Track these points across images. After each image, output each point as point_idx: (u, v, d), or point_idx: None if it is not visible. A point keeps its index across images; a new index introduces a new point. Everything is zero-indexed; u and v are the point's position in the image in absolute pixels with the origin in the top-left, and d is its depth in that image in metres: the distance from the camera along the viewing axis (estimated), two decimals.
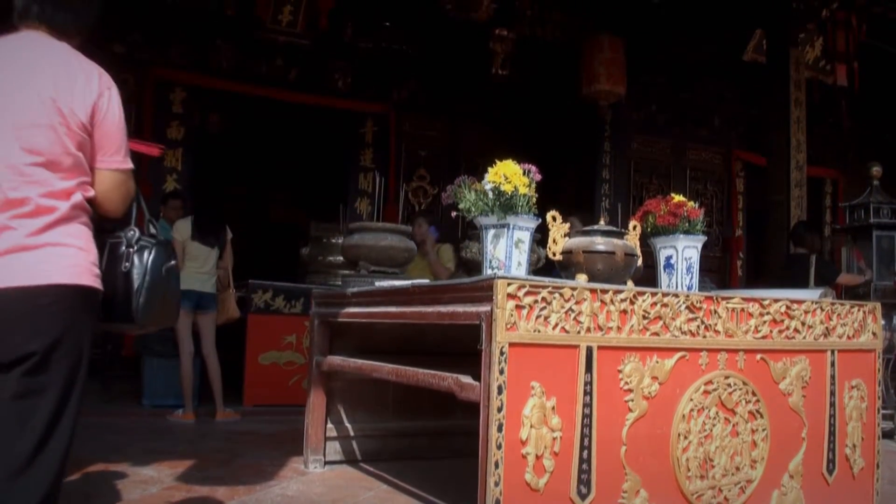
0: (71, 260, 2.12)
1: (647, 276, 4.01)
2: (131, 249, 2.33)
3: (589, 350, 2.98)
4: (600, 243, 3.55)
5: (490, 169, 3.36)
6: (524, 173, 3.36)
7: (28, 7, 2.25)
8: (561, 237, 3.60)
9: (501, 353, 2.78)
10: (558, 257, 3.60)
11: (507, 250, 3.34)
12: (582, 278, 3.45)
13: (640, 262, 3.77)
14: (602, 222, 3.78)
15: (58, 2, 2.26)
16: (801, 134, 8.40)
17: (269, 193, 14.07)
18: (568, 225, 3.60)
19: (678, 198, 3.91)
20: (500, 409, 2.76)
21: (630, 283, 3.53)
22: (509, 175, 3.31)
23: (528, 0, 9.31)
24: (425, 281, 3.86)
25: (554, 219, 3.56)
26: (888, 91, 11.34)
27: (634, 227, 3.84)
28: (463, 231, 8.82)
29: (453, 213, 3.53)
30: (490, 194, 3.34)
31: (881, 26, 9.83)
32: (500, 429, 2.76)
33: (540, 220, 3.43)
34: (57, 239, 2.10)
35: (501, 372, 2.78)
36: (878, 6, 9.48)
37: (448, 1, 8.67)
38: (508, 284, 2.83)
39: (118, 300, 2.32)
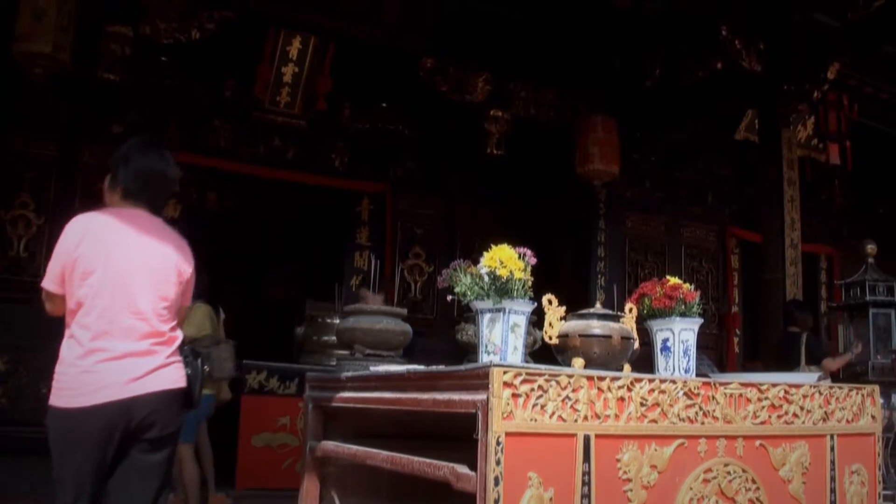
0: (182, 371, 3.19)
1: (644, 353, 3.97)
2: (189, 359, 3.27)
3: (586, 439, 2.93)
4: (596, 327, 3.53)
5: (485, 253, 3.36)
6: (519, 257, 3.35)
7: (139, 192, 3.20)
8: (557, 320, 3.58)
9: (498, 444, 2.73)
10: (554, 341, 3.57)
11: (503, 335, 3.31)
12: (578, 362, 3.42)
13: (636, 344, 3.74)
14: (598, 305, 3.77)
15: (157, 190, 3.28)
16: (794, 212, 8.43)
17: (264, 271, 14.03)
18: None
19: (674, 280, 3.90)
20: (496, 502, 2.70)
21: (627, 367, 3.50)
22: (504, 260, 3.30)
23: (522, 82, 9.48)
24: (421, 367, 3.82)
25: (550, 302, 3.54)
26: (881, 168, 11.48)
27: (630, 310, 3.83)
28: (459, 313, 8.80)
29: (449, 297, 3.52)
30: (486, 279, 3.33)
31: (872, 105, 10.01)
32: None
33: (536, 303, 3.42)
34: (176, 358, 3.17)
35: (498, 462, 2.72)
36: (869, 86, 9.65)
37: (443, 83, 8.83)
38: (504, 373, 2.79)
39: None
